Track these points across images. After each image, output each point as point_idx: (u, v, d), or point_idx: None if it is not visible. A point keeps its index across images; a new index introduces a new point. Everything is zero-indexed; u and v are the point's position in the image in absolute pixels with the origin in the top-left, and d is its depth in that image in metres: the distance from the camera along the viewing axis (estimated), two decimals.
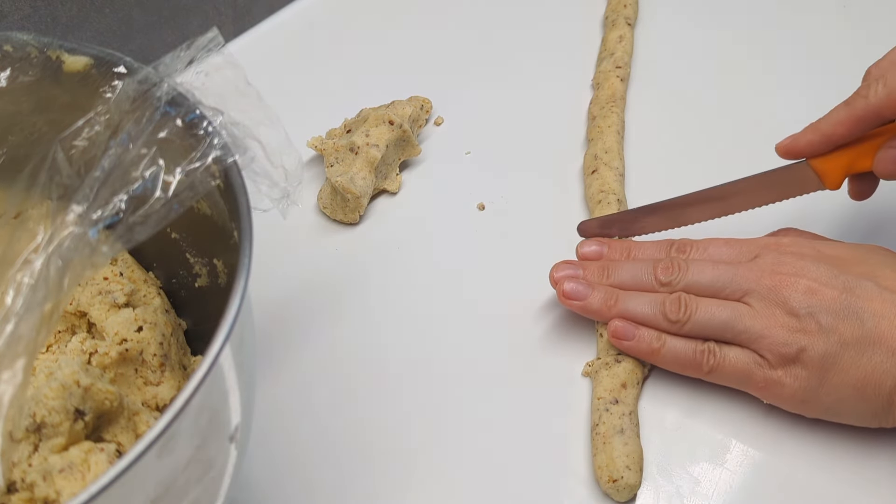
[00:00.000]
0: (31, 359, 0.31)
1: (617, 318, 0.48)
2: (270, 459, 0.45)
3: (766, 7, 0.72)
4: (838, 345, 0.43)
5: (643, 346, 0.47)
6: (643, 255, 0.50)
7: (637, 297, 0.48)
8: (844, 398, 0.44)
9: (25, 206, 0.34)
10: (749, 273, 0.46)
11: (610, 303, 0.48)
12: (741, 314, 0.45)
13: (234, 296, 0.31)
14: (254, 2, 0.71)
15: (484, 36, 0.71)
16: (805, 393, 0.44)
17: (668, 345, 0.47)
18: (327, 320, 0.52)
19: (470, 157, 0.61)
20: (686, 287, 0.47)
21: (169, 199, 0.33)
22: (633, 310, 0.48)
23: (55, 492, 0.32)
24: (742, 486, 0.44)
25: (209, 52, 0.35)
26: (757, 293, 0.45)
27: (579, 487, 0.44)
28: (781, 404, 0.46)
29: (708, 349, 0.46)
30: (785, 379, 0.44)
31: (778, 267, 0.46)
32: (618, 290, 0.49)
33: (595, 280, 0.49)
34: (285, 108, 0.38)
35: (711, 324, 0.46)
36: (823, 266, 0.45)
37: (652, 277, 0.48)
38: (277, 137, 0.35)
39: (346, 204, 0.56)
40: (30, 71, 0.39)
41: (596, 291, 0.49)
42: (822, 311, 0.44)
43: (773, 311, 0.45)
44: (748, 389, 0.46)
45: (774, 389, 0.45)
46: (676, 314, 0.46)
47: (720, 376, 0.46)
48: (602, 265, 0.50)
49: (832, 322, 0.44)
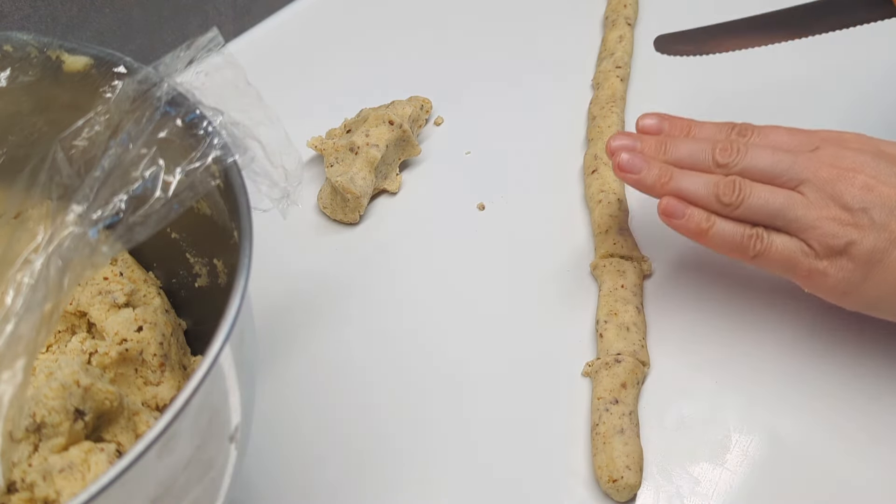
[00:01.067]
0: (31, 359, 0.31)
1: (669, 195, 0.47)
2: (270, 459, 0.45)
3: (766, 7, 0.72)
4: (888, 240, 0.43)
5: (692, 225, 0.47)
6: (703, 134, 0.50)
7: (692, 176, 0.47)
8: (887, 295, 0.44)
9: (25, 206, 0.34)
10: (807, 163, 0.46)
11: (664, 179, 0.47)
12: (795, 202, 0.45)
13: (234, 296, 0.31)
14: (254, 2, 0.71)
15: (484, 36, 0.71)
16: (848, 285, 0.45)
17: (718, 226, 0.46)
18: (327, 320, 0.52)
19: (470, 157, 0.61)
20: (743, 171, 0.47)
21: (169, 199, 0.33)
22: (687, 188, 0.47)
23: (55, 492, 0.32)
24: (742, 486, 0.44)
25: (209, 52, 0.35)
26: (813, 183, 0.45)
27: (579, 487, 0.44)
28: (823, 294, 0.46)
29: (756, 234, 0.46)
30: (830, 270, 0.45)
31: (837, 160, 0.46)
32: (673, 167, 0.48)
33: (652, 154, 0.49)
34: (285, 108, 0.38)
35: (764, 209, 0.46)
36: (883, 163, 0.45)
37: (710, 157, 0.48)
38: (277, 137, 0.35)
39: (346, 204, 0.56)
40: (30, 71, 0.39)
41: (651, 166, 0.48)
42: (876, 206, 0.44)
43: (827, 202, 0.45)
44: (792, 277, 0.47)
45: (818, 279, 0.45)
46: (730, 197, 0.46)
47: (766, 262, 0.47)
48: (660, 140, 0.49)
49: (885, 219, 0.44)
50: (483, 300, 0.53)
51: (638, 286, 0.52)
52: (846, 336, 0.50)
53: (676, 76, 0.67)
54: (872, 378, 0.48)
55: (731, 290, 0.52)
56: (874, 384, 0.48)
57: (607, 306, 0.50)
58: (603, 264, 0.52)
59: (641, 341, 0.49)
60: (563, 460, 0.45)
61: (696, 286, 0.53)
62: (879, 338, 0.50)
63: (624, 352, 0.48)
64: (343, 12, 0.73)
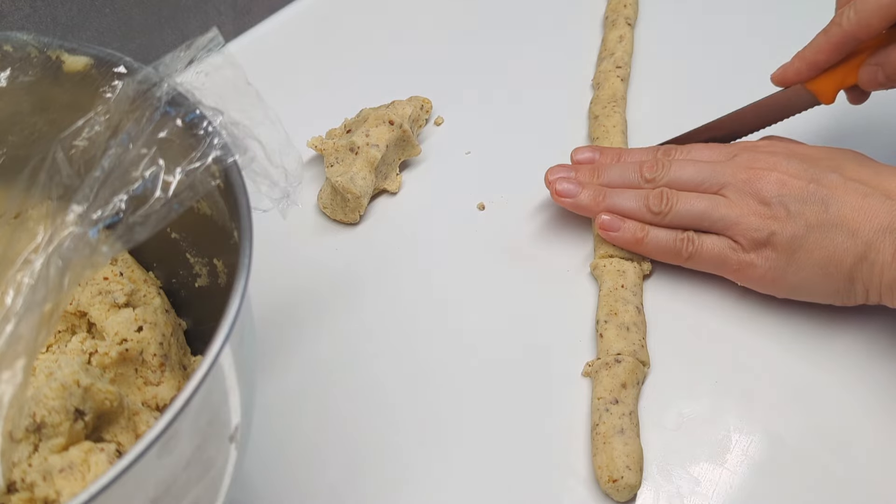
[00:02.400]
0: (31, 359, 0.31)
1: (605, 212, 0.52)
2: (271, 459, 0.45)
3: (766, 7, 0.72)
4: (804, 228, 0.48)
5: (628, 236, 0.51)
6: (631, 158, 0.55)
7: (624, 192, 0.53)
8: (810, 277, 0.48)
9: (25, 206, 0.34)
10: (726, 169, 0.51)
11: (598, 199, 0.53)
12: (718, 204, 0.50)
13: (234, 296, 0.31)
14: (254, 2, 0.71)
15: (484, 36, 0.71)
16: (775, 273, 0.49)
17: (651, 234, 0.51)
18: (327, 320, 0.52)
19: (470, 157, 0.61)
20: (668, 183, 0.52)
21: (169, 199, 0.33)
22: (620, 204, 0.52)
23: (55, 492, 0.32)
24: (742, 486, 0.44)
25: (209, 52, 0.35)
26: (733, 185, 0.50)
27: (579, 487, 0.44)
28: (753, 285, 0.51)
29: (688, 237, 0.51)
30: (757, 261, 0.49)
31: (753, 163, 0.50)
32: (606, 188, 0.53)
33: (586, 180, 0.54)
34: (285, 107, 0.38)
35: (691, 213, 0.50)
36: (794, 161, 0.50)
37: (638, 175, 0.53)
38: (277, 137, 0.35)
39: (346, 204, 0.56)
40: (30, 71, 0.38)
41: (586, 189, 0.53)
42: (790, 199, 0.48)
43: (746, 200, 0.49)
44: (724, 272, 0.51)
45: (747, 271, 0.50)
46: (659, 206, 0.51)
47: (699, 261, 0.51)
48: (593, 167, 0.55)
49: (799, 208, 0.48)
50: (483, 300, 0.53)
51: (638, 286, 0.52)
52: (846, 336, 0.50)
53: (677, 76, 0.67)
54: (873, 378, 0.48)
55: (731, 291, 0.52)
56: (874, 384, 0.48)
57: (607, 306, 0.50)
58: (603, 264, 0.52)
59: (641, 341, 0.49)
60: (563, 460, 0.45)
61: (696, 286, 0.53)
62: (880, 337, 0.50)
63: (624, 352, 0.48)
64: (343, 12, 0.73)
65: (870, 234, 0.46)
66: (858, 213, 0.47)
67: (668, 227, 0.51)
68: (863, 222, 0.47)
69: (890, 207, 0.46)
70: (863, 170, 0.49)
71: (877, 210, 0.47)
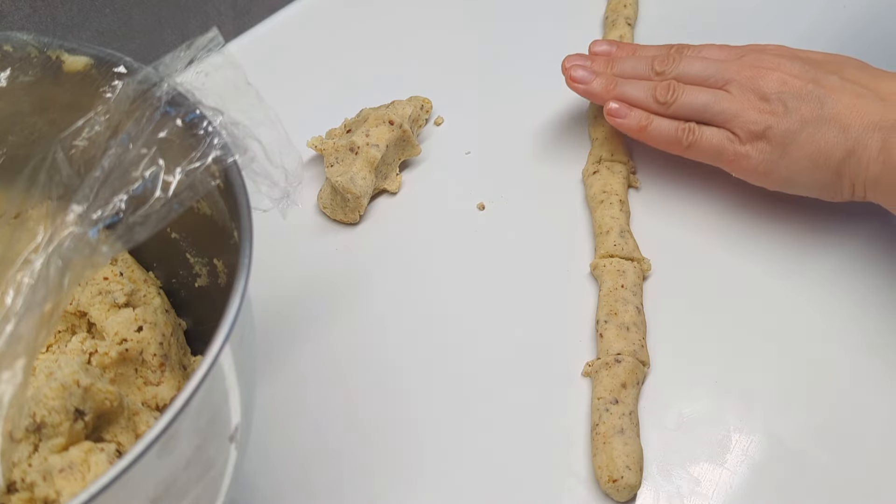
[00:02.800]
0: (31, 359, 0.31)
1: (614, 100, 0.55)
2: (270, 459, 0.45)
3: (766, 7, 0.72)
4: (799, 122, 0.50)
5: (633, 123, 0.55)
6: (646, 53, 0.58)
7: (634, 83, 0.56)
8: (801, 169, 0.51)
9: (25, 206, 0.34)
10: (732, 66, 0.54)
11: (609, 87, 0.56)
12: (720, 98, 0.53)
13: (234, 296, 0.31)
14: (254, 2, 0.71)
15: (484, 36, 0.71)
16: (768, 165, 0.52)
17: (655, 122, 0.54)
18: (327, 320, 0.52)
19: (470, 157, 0.61)
20: (677, 76, 0.55)
21: (169, 199, 0.33)
22: (629, 93, 0.55)
23: (55, 492, 0.32)
24: (742, 486, 0.44)
25: (209, 52, 0.35)
26: (736, 82, 0.53)
27: (579, 487, 0.44)
28: (747, 176, 0.53)
29: (689, 128, 0.54)
30: (752, 152, 0.52)
31: (758, 62, 0.53)
32: (618, 78, 0.56)
33: (601, 70, 0.57)
34: (285, 108, 0.38)
35: (694, 105, 0.53)
36: (797, 62, 0.53)
37: (649, 68, 0.56)
38: (277, 137, 0.35)
39: (346, 204, 0.56)
40: (30, 71, 0.38)
41: (599, 78, 0.56)
42: (789, 96, 0.51)
43: (748, 96, 0.52)
44: (720, 163, 0.54)
45: (742, 162, 0.52)
46: (665, 96, 0.54)
47: (697, 151, 0.54)
48: (608, 58, 0.58)
49: (796, 105, 0.51)
50: (483, 300, 0.53)
51: (638, 286, 0.52)
52: (846, 336, 0.50)
53: None
54: (873, 378, 0.48)
55: (731, 291, 0.52)
56: (875, 384, 0.48)
57: (607, 306, 0.50)
58: (603, 264, 0.52)
59: (641, 341, 0.49)
60: (563, 460, 0.45)
61: (696, 287, 0.53)
62: (880, 336, 0.50)
63: (624, 352, 0.48)
64: (343, 12, 0.73)
65: (859, 131, 0.49)
66: (851, 111, 0.50)
67: (672, 117, 0.54)
68: (854, 119, 0.49)
69: (882, 108, 0.49)
70: (862, 73, 0.52)
71: (868, 109, 0.49)
